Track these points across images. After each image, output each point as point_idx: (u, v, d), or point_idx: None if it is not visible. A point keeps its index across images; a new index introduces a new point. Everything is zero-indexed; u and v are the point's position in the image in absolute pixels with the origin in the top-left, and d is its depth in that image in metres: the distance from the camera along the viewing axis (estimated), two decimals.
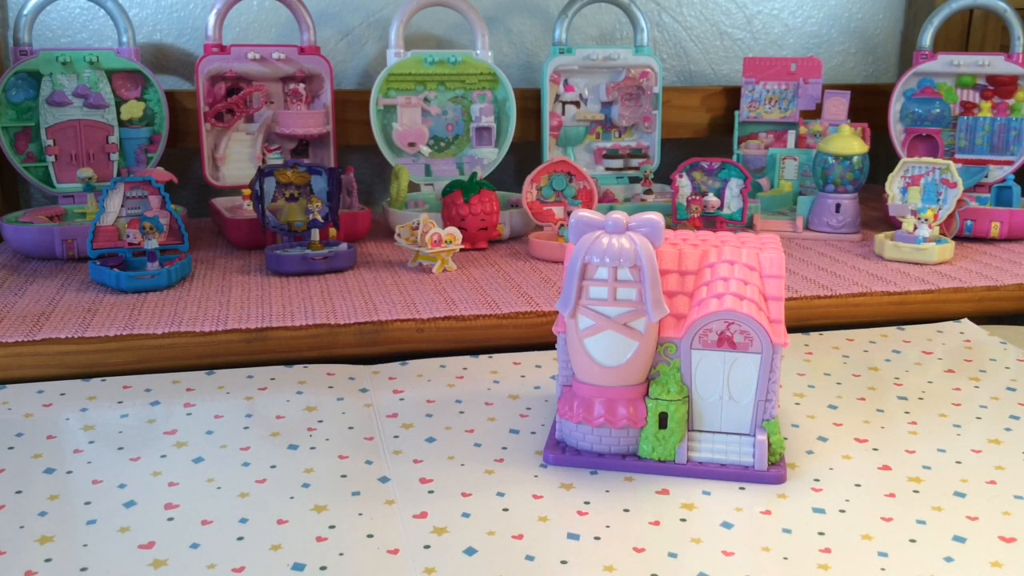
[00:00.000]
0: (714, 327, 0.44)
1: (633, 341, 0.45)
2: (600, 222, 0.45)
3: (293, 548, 0.39)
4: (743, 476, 0.45)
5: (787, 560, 0.39)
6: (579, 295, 0.45)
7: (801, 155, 1.06)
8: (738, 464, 0.46)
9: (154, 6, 1.10)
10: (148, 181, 0.80)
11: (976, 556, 0.39)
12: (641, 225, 0.44)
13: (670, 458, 0.46)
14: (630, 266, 0.44)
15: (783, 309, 0.45)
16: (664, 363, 0.46)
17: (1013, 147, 1.09)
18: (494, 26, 1.18)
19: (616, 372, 0.45)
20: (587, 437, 0.47)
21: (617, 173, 1.12)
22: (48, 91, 0.95)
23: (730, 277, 0.45)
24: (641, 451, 0.47)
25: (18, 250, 0.89)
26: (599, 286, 0.45)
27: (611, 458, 0.47)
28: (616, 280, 0.44)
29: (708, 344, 0.45)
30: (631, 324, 0.45)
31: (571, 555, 0.39)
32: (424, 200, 1.03)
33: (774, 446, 0.46)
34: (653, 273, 0.44)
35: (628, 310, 0.44)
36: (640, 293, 0.44)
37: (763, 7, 1.28)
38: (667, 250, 0.47)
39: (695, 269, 0.47)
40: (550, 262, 0.89)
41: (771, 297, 0.45)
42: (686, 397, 0.46)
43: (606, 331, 0.45)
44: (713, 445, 0.46)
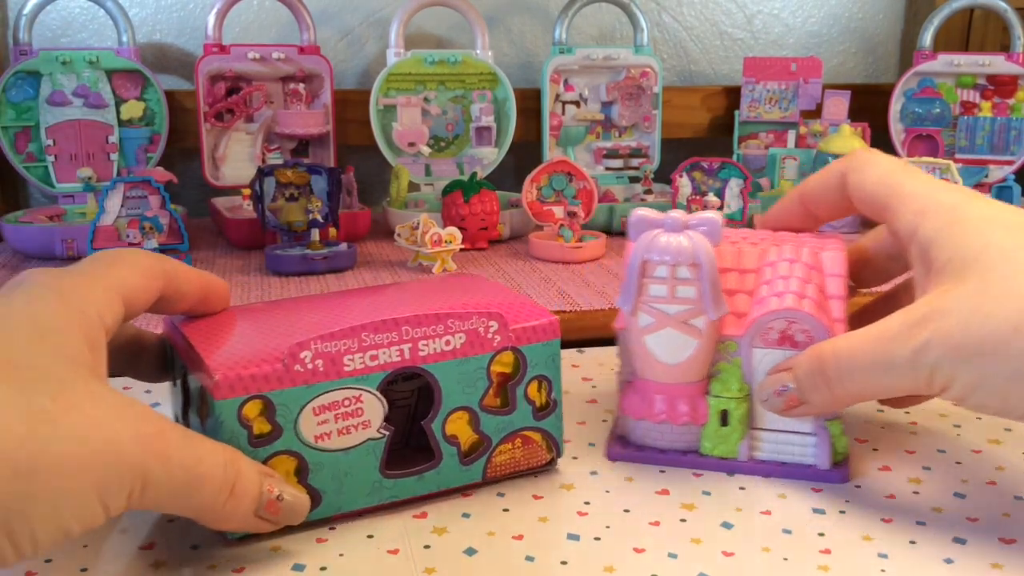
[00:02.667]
0: (775, 325, 0.44)
1: (693, 339, 0.45)
2: (659, 220, 0.45)
3: (293, 548, 0.39)
4: (806, 475, 0.45)
5: (787, 561, 0.39)
6: (639, 292, 0.45)
7: (801, 155, 1.06)
8: (800, 463, 0.46)
9: (154, 6, 1.10)
10: (148, 181, 0.80)
11: (976, 558, 0.39)
12: (700, 223, 0.44)
13: (731, 455, 0.46)
14: (689, 264, 0.44)
15: (845, 308, 0.45)
16: (725, 361, 0.46)
17: (1013, 147, 1.09)
18: (494, 26, 1.18)
19: (676, 369, 0.45)
20: (649, 433, 0.47)
21: (617, 173, 1.12)
22: (48, 91, 0.95)
23: (790, 275, 0.45)
24: (702, 448, 0.46)
25: (18, 250, 0.89)
26: (658, 284, 0.45)
27: (673, 454, 0.47)
28: (675, 278, 0.44)
29: (769, 342, 0.45)
30: (691, 322, 0.45)
31: (571, 555, 0.39)
32: (424, 200, 1.04)
33: (837, 445, 0.45)
34: (712, 271, 0.44)
35: (687, 308, 0.44)
36: (699, 291, 0.44)
37: (763, 7, 1.28)
38: (726, 248, 0.47)
39: (754, 267, 0.46)
40: (550, 262, 0.89)
41: (832, 296, 0.45)
42: (747, 395, 0.45)
43: (666, 328, 0.45)
44: (775, 445, 0.46)
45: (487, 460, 0.44)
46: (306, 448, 0.39)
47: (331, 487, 0.40)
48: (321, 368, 0.39)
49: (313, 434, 0.39)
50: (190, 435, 0.35)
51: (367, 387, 0.40)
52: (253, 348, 0.39)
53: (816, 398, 0.43)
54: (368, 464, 0.41)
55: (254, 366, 0.38)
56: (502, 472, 0.45)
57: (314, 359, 0.39)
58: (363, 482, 0.41)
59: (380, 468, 0.41)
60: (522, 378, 0.44)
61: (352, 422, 0.40)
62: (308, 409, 0.39)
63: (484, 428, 0.43)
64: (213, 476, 0.35)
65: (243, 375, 0.38)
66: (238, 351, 0.39)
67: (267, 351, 0.39)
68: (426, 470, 0.43)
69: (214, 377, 0.37)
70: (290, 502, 0.38)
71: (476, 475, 0.44)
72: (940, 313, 0.38)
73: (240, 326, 0.42)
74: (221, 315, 0.44)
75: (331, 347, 0.39)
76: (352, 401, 0.40)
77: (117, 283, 0.37)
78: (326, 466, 0.40)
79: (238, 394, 0.38)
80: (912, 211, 0.42)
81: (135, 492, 0.32)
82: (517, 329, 0.43)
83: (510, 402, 0.44)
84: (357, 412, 0.40)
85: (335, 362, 0.39)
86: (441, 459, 0.43)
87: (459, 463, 0.43)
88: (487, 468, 0.44)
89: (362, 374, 0.40)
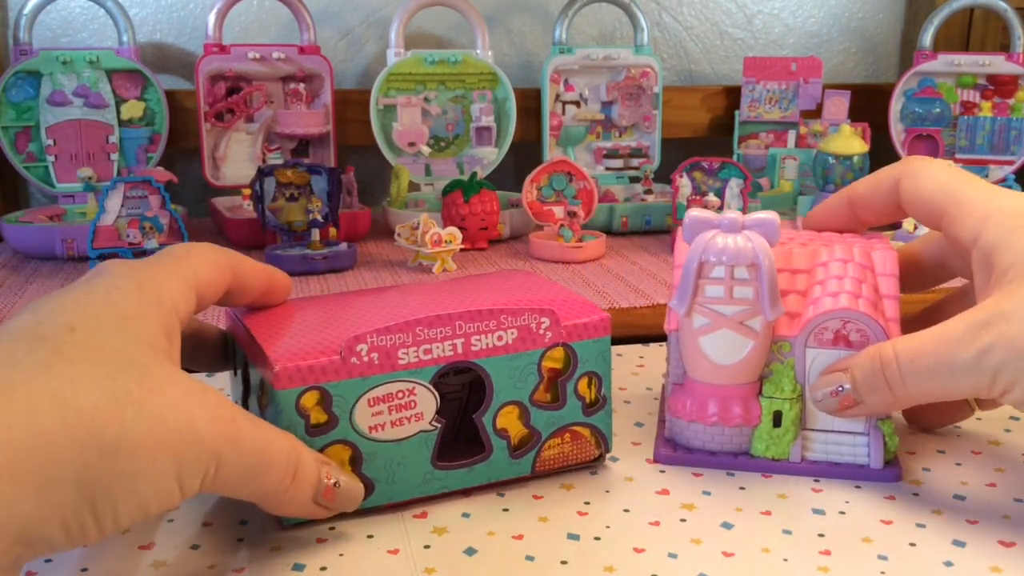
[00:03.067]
0: (830, 325, 0.44)
1: (749, 340, 0.44)
2: (715, 221, 0.45)
3: (293, 548, 0.39)
4: (858, 475, 0.45)
5: (787, 561, 0.39)
6: (695, 294, 0.45)
7: (801, 155, 1.06)
8: (852, 463, 0.45)
9: (154, 6, 1.11)
10: (148, 181, 0.80)
11: (976, 560, 0.39)
12: (757, 224, 0.44)
13: (784, 456, 0.46)
14: (747, 265, 0.44)
15: (898, 307, 0.45)
16: (778, 362, 0.45)
17: (1013, 147, 1.09)
18: (494, 26, 1.18)
19: (730, 370, 0.45)
20: (699, 435, 0.47)
21: (617, 173, 1.12)
22: (48, 91, 0.95)
23: (844, 275, 0.45)
24: (754, 449, 0.46)
25: (18, 250, 0.89)
26: (715, 285, 0.44)
27: (724, 456, 0.47)
28: (733, 279, 0.44)
29: (823, 343, 0.44)
30: (747, 323, 0.44)
31: (571, 555, 0.39)
32: (424, 200, 1.04)
33: (889, 444, 0.45)
34: (771, 272, 0.44)
35: (744, 308, 0.44)
36: (756, 291, 0.44)
37: (763, 7, 1.28)
38: (776, 249, 0.47)
39: (806, 268, 0.46)
40: (550, 262, 0.89)
41: (886, 295, 0.45)
42: (800, 396, 0.45)
43: (722, 330, 0.45)
44: (827, 445, 0.46)
45: (536, 454, 0.45)
46: (360, 438, 0.41)
47: (384, 477, 0.41)
48: (376, 361, 0.40)
49: (368, 425, 0.41)
50: (258, 421, 0.36)
51: (420, 380, 0.41)
52: (311, 340, 0.41)
53: (875, 399, 0.43)
54: (420, 455, 0.42)
55: (312, 358, 0.39)
56: (551, 466, 0.45)
57: (370, 352, 0.40)
58: (415, 473, 0.42)
59: (432, 459, 0.42)
60: (572, 374, 0.44)
61: (405, 414, 0.41)
62: (363, 400, 0.40)
63: (534, 422, 0.44)
64: (278, 461, 0.36)
65: (302, 366, 0.39)
66: (297, 343, 0.40)
67: (325, 343, 0.40)
68: (477, 462, 0.43)
69: (274, 368, 0.39)
70: (345, 489, 0.39)
71: (525, 468, 0.45)
72: (1004, 316, 0.38)
73: (299, 319, 0.44)
74: (281, 307, 0.45)
75: (386, 340, 0.40)
76: (406, 393, 0.41)
77: (190, 275, 0.39)
78: (379, 456, 0.41)
79: (296, 385, 0.39)
80: (974, 217, 0.42)
81: (209, 474, 0.34)
82: (568, 326, 0.44)
83: (560, 397, 0.45)
84: (410, 404, 0.41)
85: (390, 355, 0.40)
86: (492, 452, 0.44)
87: (509, 456, 0.44)
88: (536, 462, 0.45)
89: (416, 367, 0.41)
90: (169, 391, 0.33)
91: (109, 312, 0.34)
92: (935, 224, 0.45)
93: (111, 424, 0.30)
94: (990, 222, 0.41)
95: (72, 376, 0.30)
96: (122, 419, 0.30)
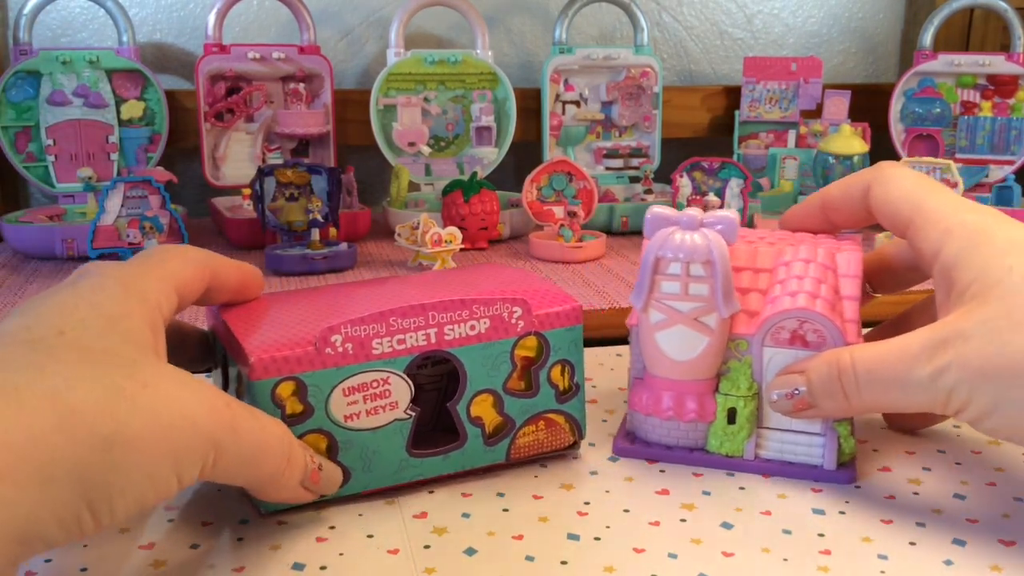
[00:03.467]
0: (787, 325, 0.44)
1: (704, 336, 0.45)
2: (675, 217, 0.45)
3: (293, 548, 0.39)
4: (812, 475, 0.45)
5: (787, 561, 0.39)
6: (651, 289, 0.45)
7: (801, 155, 1.06)
8: (806, 463, 0.45)
9: (154, 5, 1.11)
10: (148, 181, 0.80)
11: (976, 559, 0.39)
12: (716, 222, 0.45)
13: (738, 454, 0.46)
14: (702, 262, 0.44)
15: (858, 309, 0.45)
16: (735, 359, 0.46)
17: (1014, 147, 1.09)
18: (494, 26, 1.18)
19: (687, 366, 0.45)
20: (656, 429, 0.47)
21: (617, 173, 1.12)
22: (48, 90, 0.95)
23: (805, 275, 0.45)
24: (709, 445, 0.47)
25: (18, 250, 0.89)
26: (671, 281, 0.45)
27: (679, 451, 0.47)
28: (688, 275, 0.44)
29: (780, 342, 0.45)
30: (702, 319, 0.45)
31: (571, 555, 0.39)
32: (424, 200, 1.04)
33: (844, 446, 0.45)
34: (725, 270, 0.44)
35: (699, 305, 0.44)
36: (711, 288, 0.44)
37: (763, 7, 1.28)
38: (742, 247, 0.47)
39: (769, 267, 0.47)
40: (550, 262, 0.89)
41: (847, 296, 0.45)
42: (756, 394, 0.45)
43: (677, 325, 0.45)
44: (782, 444, 0.46)
45: (511, 441, 0.45)
46: (336, 427, 0.41)
47: (359, 465, 0.42)
48: (351, 351, 0.41)
49: (343, 414, 0.41)
50: (251, 408, 0.37)
51: (394, 370, 0.42)
52: (287, 332, 0.41)
53: (829, 405, 0.43)
54: (395, 443, 0.43)
55: (287, 349, 0.40)
56: (526, 453, 0.46)
57: (344, 342, 0.41)
58: (390, 460, 0.43)
59: (407, 447, 0.43)
60: (545, 362, 0.45)
61: (380, 403, 0.42)
62: (338, 390, 0.41)
63: (508, 410, 0.45)
64: (274, 446, 0.37)
65: (277, 357, 0.40)
66: (273, 335, 0.41)
67: (300, 335, 0.41)
68: (451, 450, 0.44)
69: (250, 359, 0.40)
70: (327, 471, 0.41)
71: (500, 456, 0.45)
72: (961, 336, 0.38)
73: (276, 312, 0.44)
74: (259, 301, 0.46)
75: (360, 331, 0.41)
76: (380, 383, 0.42)
77: (171, 276, 0.40)
78: (355, 444, 0.42)
79: (272, 375, 0.40)
80: (937, 230, 0.42)
81: (208, 463, 0.34)
82: (541, 315, 0.45)
83: (534, 385, 0.45)
84: (385, 393, 0.42)
85: (364, 345, 0.41)
86: (466, 440, 0.44)
87: (483, 444, 0.45)
88: (511, 449, 0.45)
89: (390, 357, 0.42)
90: (162, 385, 0.33)
91: (96, 314, 0.35)
92: (901, 233, 0.45)
93: (106, 421, 0.31)
94: (952, 236, 0.41)
95: (65, 376, 0.31)
96: (116, 415, 0.31)
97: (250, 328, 0.42)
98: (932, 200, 0.43)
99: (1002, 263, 0.39)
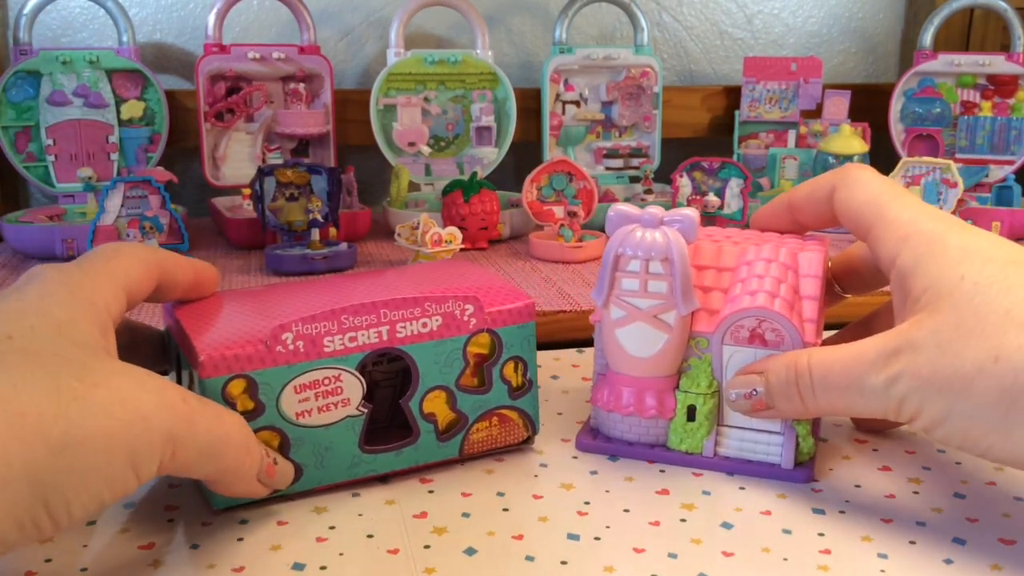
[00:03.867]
0: (745, 323, 0.44)
1: (663, 333, 0.45)
2: (636, 215, 0.45)
3: (293, 548, 0.39)
4: (769, 473, 0.45)
5: (787, 561, 0.39)
6: (612, 286, 0.45)
7: (801, 155, 1.06)
8: (765, 461, 0.46)
9: (154, 5, 1.11)
10: (148, 181, 0.80)
11: (976, 558, 0.39)
12: (675, 220, 0.45)
13: (697, 451, 0.46)
14: (661, 259, 0.44)
15: (817, 309, 0.45)
16: (696, 357, 0.46)
17: (1014, 147, 1.09)
18: (494, 26, 1.18)
19: (647, 363, 0.46)
20: (617, 425, 0.48)
21: (617, 173, 1.12)
22: (48, 90, 0.95)
23: (765, 275, 0.45)
24: (669, 442, 0.47)
25: (18, 250, 0.89)
26: (631, 278, 0.45)
27: (640, 447, 0.47)
28: (647, 272, 0.45)
29: (739, 340, 0.45)
30: (661, 316, 0.45)
31: (571, 555, 0.39)
32: (424, 200, 1.04)
33: (803, 445, 0.45)
34: (684, 267, 0.44)
35: (658, 303, 0.45)
36: (671, 286, 0.44)
37: (763, 6, 1.28)
38: (706, 246, 0.48)
39: (732, 266, 0.47)
40: (550, 262, 0.89)
41: (806, 296, 0.45)
42: (716, 392, 0.46)
43: (637, 322, 0.45)
44: (741, 442, 0.46)
45: (464, 437, 0.46)
46: (288, 424, 0.42)
47: (312, 461, 0.43)
48: (302, 349, 0.41)
49: (294, 411, 0.42)
50: (207, 401, 0.37)
51: (346, 367, 0.42)
52: (238, 330, 0.42)
53: (786, 406, 0.43)
54: (348, 440, 0.43)
55: (238, 347, 0.40)
56: (479, 448, 0.47)
57: (295, 340, 0.41)
58: (343, 457, 0.43)
59: (359, 444, 0.44)
60: (498, 359, 0.46)
61: (332, 400, 0.42)
62: (289, 387, 0.41)
63: (461, 407, 0.45)
64: (233, 437, 0.37)
65: (227, 355, 0.40)
66: (224, 333, 0.41)
67: (251, 333, 0.41)
68: (404, 446, 0.45)
69: (200, 357, 0.40)
70: (281, 466, 0.41)
71: (453, 451, 0.46)
72: (913, 346, 0.38)
73: (228, 309, 0.45)
74: (213, 299, 0.46)
75: (311, 329, 0.41)
76: (332, 380, 0.42)
77: (120, 275, 0.40)
78: (307, 441, 0.42)
79: (222, 373, 0.40)
80: (895, 237, 0.42)
81: (166, 457, 0.34)
82: (493, 312, 0.45)
83: (487, 382, 0.46)
84: (337, 391, 0.42)
85: (315, 343, 0.41)
86: (419, 436, 0.45)
87: (436, 440, 0.45)
88: (464, 444, 0.46)
89: (341, 355, 0.42)
90: (114, 382, 0.33)
91: (44, 319, 0.35)
92: (863, 237, 0.45)
93: (56, 422, 0.31)
94: (908, 244, 0.41)
95: (14, 382, 0.31)
96: (67, 416, 0.31)
97: (202, 326, 0.43)
98: (893, 206, 0.43)
99: (955, 272, 0.39)
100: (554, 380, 0.59)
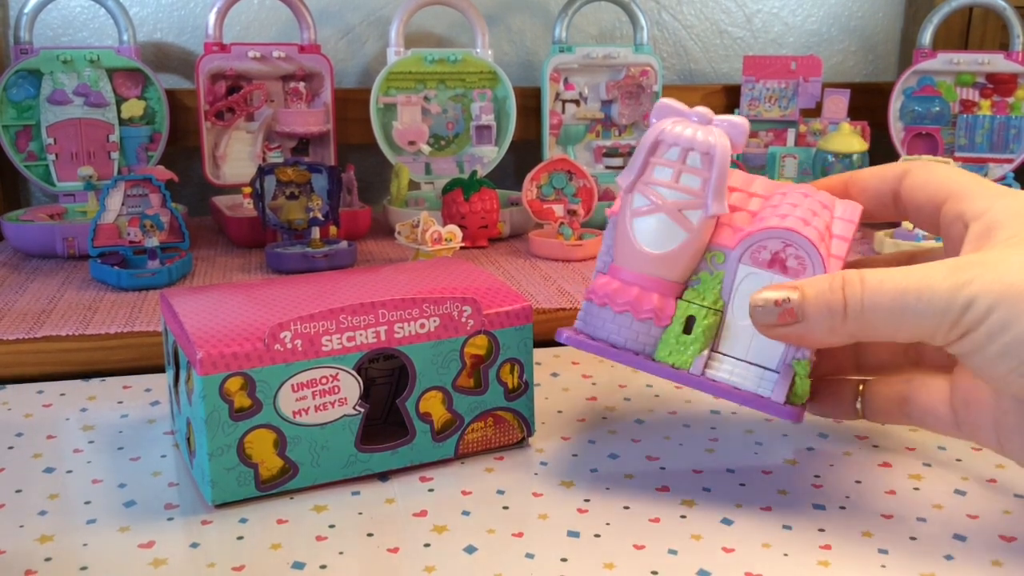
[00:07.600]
0: (769, 245, 0.42)
1: (683, 230, 0.43)
2: (687, 111, 0.43)
3: (293, 547, 0.39)
4: (756, 404, 0.42)
5: (787, 557, 0.39)
6: (642, 172, 0.43)
7: (801, 153, 1.06)
8: (753, 392, 0.42)
9: (154, 5, 1.11)
10: (149, 179, 0.80)
11: (976, 555, 0.39)
12: (725, 122, 0.43)
13: (685, 366, 0.43)
14: (702, 152, 0.42)
15: (846, 251, 0.42)
16: (707, 271, 0.43)
17: (1012, 145, 1.09)
18: (494, 24, 1.18)
19: (657, 260, 0.43)
20: (606, 324, 0.44)
21: (617, 171, 1.12)
22: (49, 89, 0.95)
23: (799, 205, 0.42)
24: (657, 353, 0.43)
25: (19, 248, 0.89)
26: (665, 167, 0.43)
27: (625, 352, 0.44)
28: (684, 164, 0.42)
29: (759, 262, 0.42)
30: (686, 212, 0.42)
31: (571, 553, 0.39)
32: (424, 198, 1.04)
33: (798, 387, 0.42)
34: (723, 166, 0.42)
35: (688, 198, 0.42)
36: (704, 183, 0.42)
37: (763, 5, 1.28)
38: (738, 174, 0.45)
39: (765, 194, 0.44)
40: (550, 260, 0.89)
41: (838, 236, 0.43)
42: (720, 310, 0.43)
43: (659, 213, 0.43)
44: (733, 368, 0.43)
45: (460, 437, 0.46)
46: (285, 423, 0.42)
47: (308, 460, 0.43)
48: (300, 348, 0.41)
49: (291, 409, 0.42)
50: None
51: (344, 366, 0.43)
52: (236, 327, 0.42)
53: (821, 322, 0.39)
54: (344, 439, 0.43)
55: (236, 345, 0.40)
56: (474, 449, 0.47)
57: (293, 339, 0.41)
58: (339, 455, 0.44)
59: (356, 443, 0.44)
60: (495, 360, 0.46)
61: (329, 399, 0.43)
62: (287, 386, 0.42)
63: (457, 407, 0.46)
64: None
65: (225, 353, 0.40)
66: (222, 330, 0.41)
67: (250, 330, 0.41)
68: (400, 445, 0.45)
69: (198, 354, 0.40)
70: None
71: (448, 451, 0.46)
72: (988, 261, 0.38)
73: (228, 306, 0.45)
74: (214, 294, 0.46)
75: (310, 328, 0.41)
76: (329, 379, 0.42)
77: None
78: (304, 440, 0.43)
79: (220, 371, 0.40)
80: (988, 195, 0.41)
81: None
82: (490, 314, 0.45)
83: (483, 383, 0.46)
84: (334, 390, 0.43)
85: (313, 342, 0.42)
86: (415, 435, 0.45)
87: (432, 439, 0.46)
88: (459, 445, 0.46)
89: (339, 354, 0.42)
90: None
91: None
92: (935, 204, 0.44)
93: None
94: (1004, 198, 0.41)
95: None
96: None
97: (201, 321, 0.43)
98: (980, 179, 0.43)
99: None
100: (553, 377, 0.59)
